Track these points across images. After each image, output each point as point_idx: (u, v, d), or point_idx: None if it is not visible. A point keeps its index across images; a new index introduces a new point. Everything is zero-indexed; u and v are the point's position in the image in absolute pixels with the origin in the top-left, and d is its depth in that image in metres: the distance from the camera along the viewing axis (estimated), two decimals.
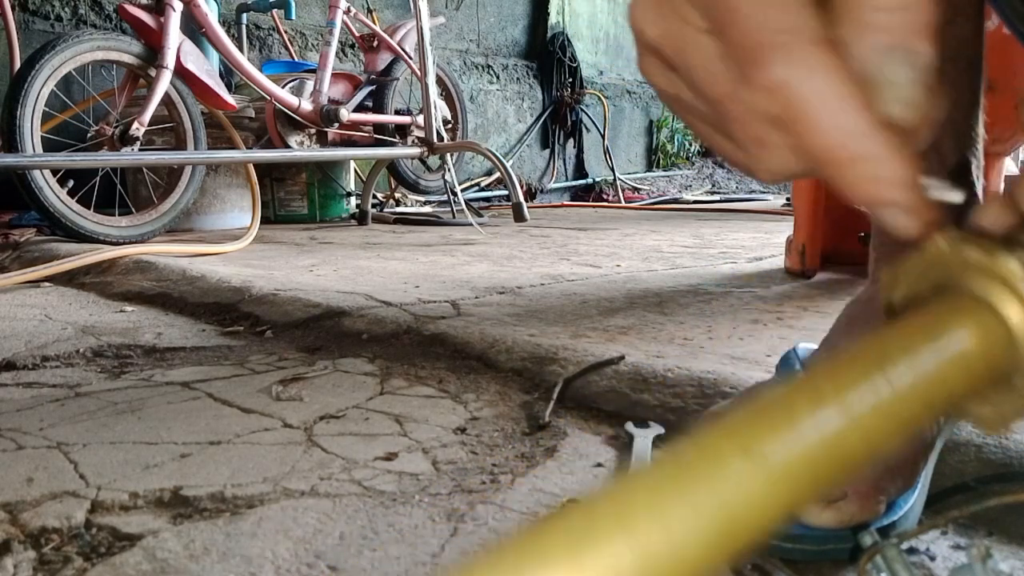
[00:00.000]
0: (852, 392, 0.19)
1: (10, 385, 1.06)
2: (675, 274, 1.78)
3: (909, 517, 0.58)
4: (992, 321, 0.21)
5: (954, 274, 0.22)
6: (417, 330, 1.21)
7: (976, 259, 0.21)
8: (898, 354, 0.20)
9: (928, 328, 0.21)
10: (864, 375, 0.19)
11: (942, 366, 0.20)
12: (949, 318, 0.21)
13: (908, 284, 0.23)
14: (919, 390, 0.20)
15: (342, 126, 3.11)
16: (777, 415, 0.18)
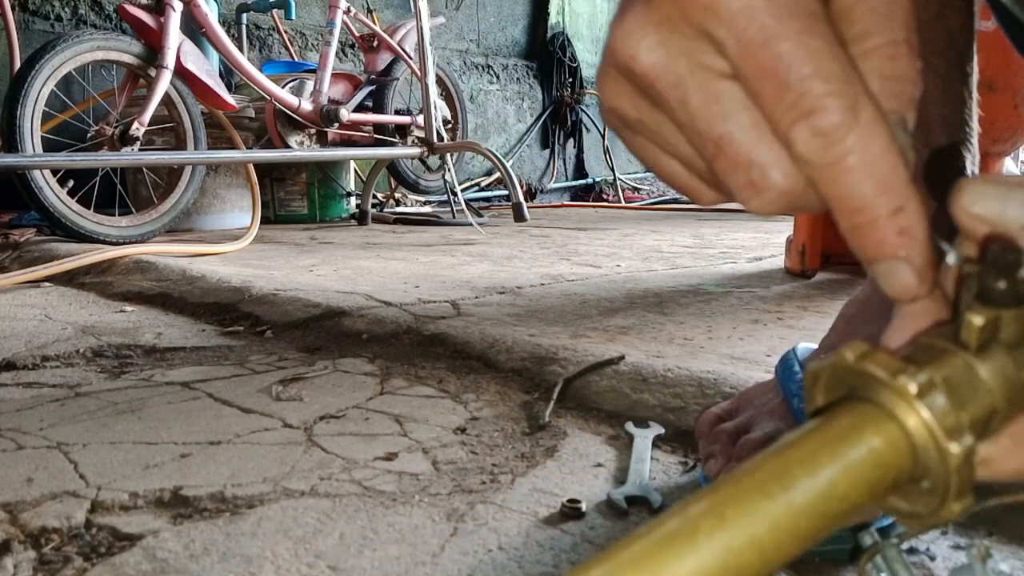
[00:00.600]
0: (750, 514, 0.20)
1: (10, 385, 1.06)
2: (675, 274, 1.78)
3: None
4: (896, 432, 0.22)
5: (861, 385, 0.23)
6: (417, 330, 1.21)
7: (877, 374, 0.23)
8: (800, 470, 0.21)
9: (833, 440, 0.22)
10: (766, 494, 0.21)
11: (845, 480, 0.21)
12: (854, 426, 0.22)
13: (825, 388, 0.25)
14: (819, 506, 0.21)
15: (342, 126, 3.11)
16: (680, 540, 0.20)
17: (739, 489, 0.21)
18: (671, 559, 0.19)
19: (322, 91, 3.03)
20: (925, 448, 0.22)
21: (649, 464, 0.73)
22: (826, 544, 0.55)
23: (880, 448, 0.22)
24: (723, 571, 0.19)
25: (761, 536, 0.20)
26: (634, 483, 0.69)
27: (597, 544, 0.60)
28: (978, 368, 0.24)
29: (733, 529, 0.20)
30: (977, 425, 0.23)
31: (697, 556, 0.19)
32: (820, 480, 0.21)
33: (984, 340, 0.24)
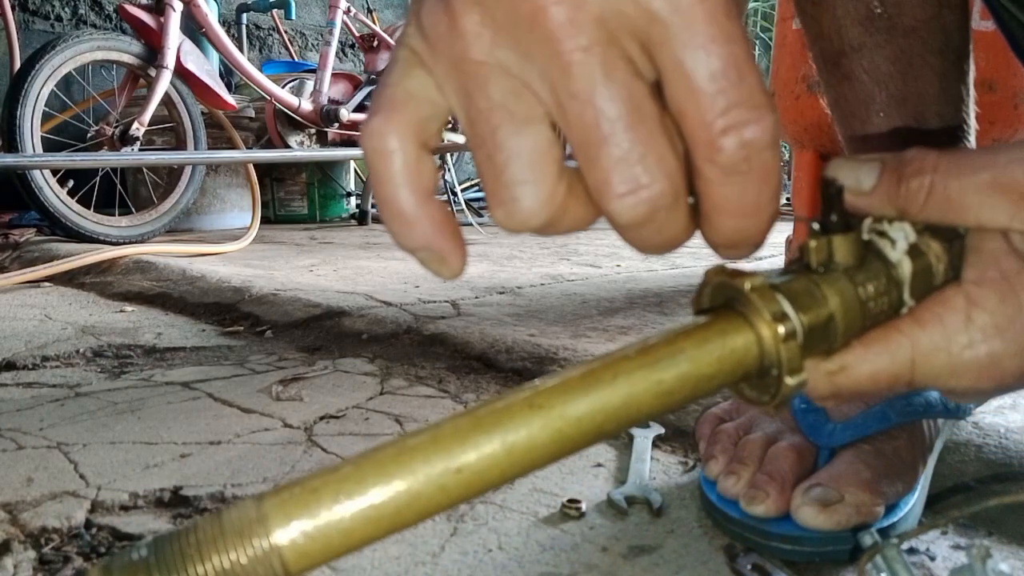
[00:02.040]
0: (615, 375, 0.25)
1: (10, 385, 1.06)
2: (675, 274, 1.78)
3: (909, 518, 0.58)
4: (743, 323, 0.27)
5: (729, 295, 0.29)
6: (417, 330, 1.21)
7: (732, 284, 0.28)
8: (664, 348, 0.26)
9: (698, 332, 0.27)
10: (629, 360, 0.26)
11: (699, 358, 0.26)
12: (722, 327, 0.27)
13: (707, 300, 0.30)
14: (675, 374, 0.26)
15: (342, 126, 3.11)
16: (559, 389, 0.25)
17: (611, 358, 0.26)
18: (550, 396, 0.24)
19: (322, 91, 3.03)
20: (768, 340, 0.27)
21: (649, 464, 0.73)
22: (826, 544, 0.55)
23: (730, 334, 0.27)
24: (591, 411, 0.25)
25: (624, 389, 0.25)
26: (634, 483, 0.69)
27: (597, 544, 0.60)
28: (816, 282, 0.29)
29: (602, 383, 0.25)
30: (816, 326, 0.28)
31: (573, 400, 0.24)
32: (678, 351, 0.26)
33: (822, 260, 0.29)
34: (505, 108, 0.24)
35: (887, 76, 0.64)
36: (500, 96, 0.24)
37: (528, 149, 0.24)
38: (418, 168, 0.26)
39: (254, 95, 3.06)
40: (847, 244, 0.29)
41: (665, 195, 0.24)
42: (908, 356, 0.30)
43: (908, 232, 0.31)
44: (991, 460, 0.67)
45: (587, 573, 0.56)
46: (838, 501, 0.55)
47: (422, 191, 0.26)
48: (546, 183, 0.25)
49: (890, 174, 0.31)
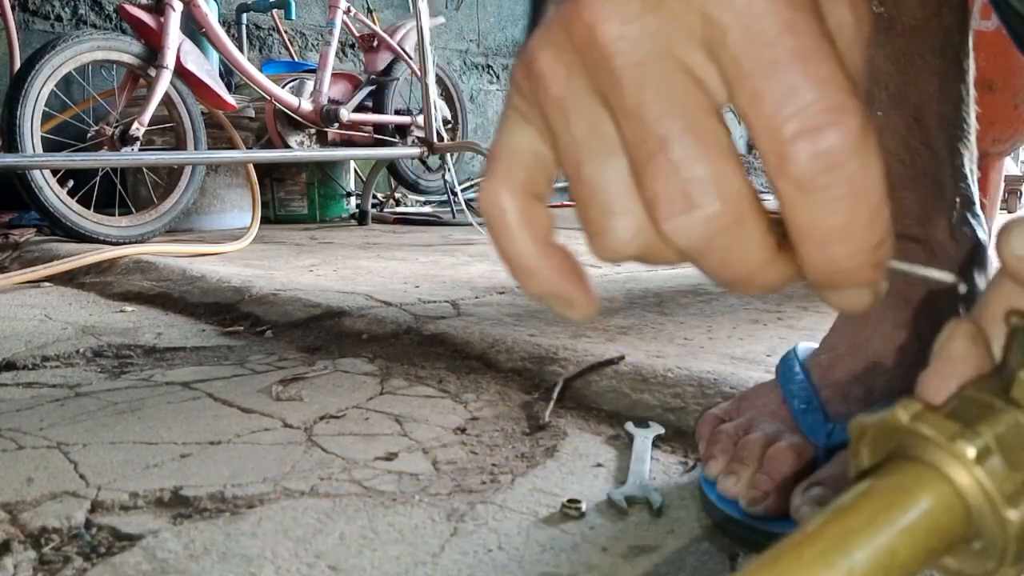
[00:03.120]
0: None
1: (10, 385, 1.06)
2: (675, 274, 1.78)
3: None
4: (951, 494, 0.22)
5: (911, 444, 0.23)
6: (417, 330, 1.21)
7: (934, 439, 0.22)
8: (858, 538, 0.21)
9: (888, 503, 0.22)
10: (827, 564, 0.20)
11: (903, 545, 0.21)
12: (909, 490, 0.22)
13: (872, 446, 0.24)
14: (879, 573, 0.21)
15: (342, 126, 3.11)
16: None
17: (800, 560, 0.21)
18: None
19: (322, 91, 3.03)
20: (980, 511, 0.22)
21: (649, 464, 0.73)
22: None
23: (935, 511, 0.22)
24: None
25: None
26: (634, 483, 0.69)
27: (597, 544, 0.60)
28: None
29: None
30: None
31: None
32: (879, 548, 0.21)
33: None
34: (585, 142, 0.24)
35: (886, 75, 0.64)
36: (580, 130, 0.24)
37: (614, 181, 0.23)
38: (532, 219, 0.26)
39: (254, 95, 3.06)
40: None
41: (721, 217, 0.22)
42: None
43: None
44: None
45: (587, 573, 0.56)
46: None
47: (540, 240, 0.27)
48: (634, 214, 0.23)
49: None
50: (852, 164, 0.21)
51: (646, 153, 0.22)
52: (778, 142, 0.21)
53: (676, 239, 0.22)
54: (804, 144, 0.21)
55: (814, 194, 0.21)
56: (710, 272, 0.23)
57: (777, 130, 0.21)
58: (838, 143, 0.20)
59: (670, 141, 0.22)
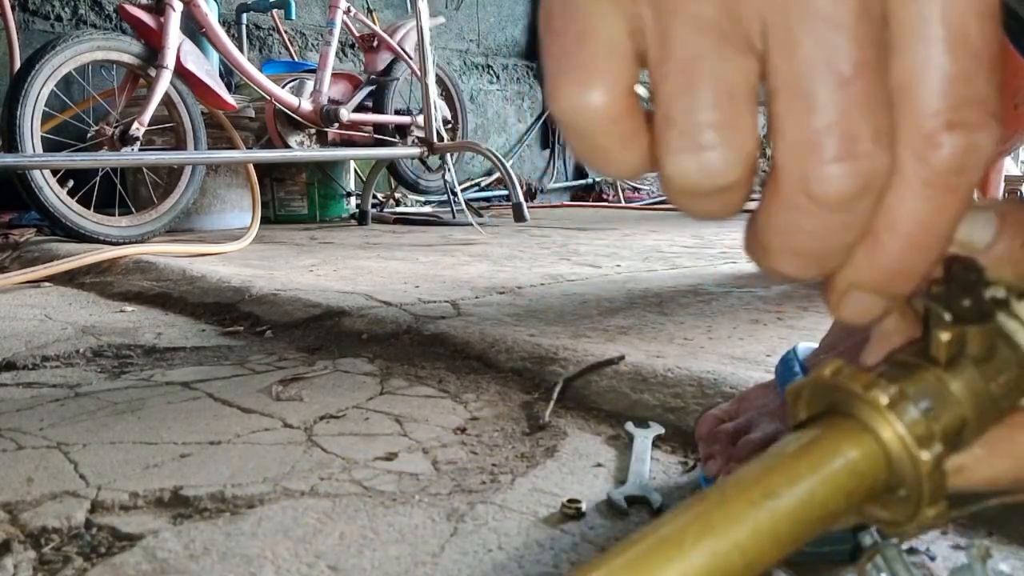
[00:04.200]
0: (736, 521, 0.22)
1: (10, 385, 1.06)
2: (675, 274, 1.78)
3: None
4: (871, 442, 0.23)
5: (839, 400, 0.25)
6: (417, 330, 1.21)
7: (851, 389, 0.24)
8: (781, 480, 0.23)
9: (814, 452, 0.23)
10: (750, 503, 0.22)
11: (823, 488, 0.23)
12: (835, 441, 0.24)
13: (806, 403, 0.26)
14: (798, 512, 0.22)
15: (342, 126, 3.11)
16: (669, 545, 0.21)
17: (724, 497, 0.22)
18: (660, 563, 0.21)
19: (322, 91, 3.03)
20: (899, 457, 0.24)
21: (649, 464, 0.73)
22: (826, 544, 0.55)
23: (856, 458, 0.23)
24: (709, 573, 0.21)
25: (744, 541, 0.21)
26: (634, 483, 0.69)
27: (597, 544, 0.60)
28: (947, 381, 0.25)
29: (718, 535, 0.21)
30: (949, 435, 0.24)
31: (684, 560, 0.21)
32: (800, 489, 0.22)
33: (952, 355, 0.25)
34: (716, 27, 0.20)
35: None
36: (710, 13, 0.20)
37: (737, 83, 0.20)
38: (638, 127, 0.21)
39: (254, 95, 3.06)
40: (981, 336, 0.25)
41: (882, 171, 0.20)
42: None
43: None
44: None
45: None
46: None
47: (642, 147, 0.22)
48: (750, 129, 0.20)
49: (1012, 231, 0.26)
50: (976, 173, 0.20)
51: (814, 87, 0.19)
52: (934, 124, 0.20)
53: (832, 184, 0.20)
54: (959, 135, 0.20)
55: (938, 191, 0.20)
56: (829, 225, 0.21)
57: (938, 113, 0.20)
58: (984, 148, 0.20)
59: (845, 80, 0.19)
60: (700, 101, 0.20)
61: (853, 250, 0.22)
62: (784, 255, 0.22)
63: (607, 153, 0.21)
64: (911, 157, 0.20)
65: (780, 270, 0.22)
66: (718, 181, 0.20)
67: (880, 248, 0.21)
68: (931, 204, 0.20)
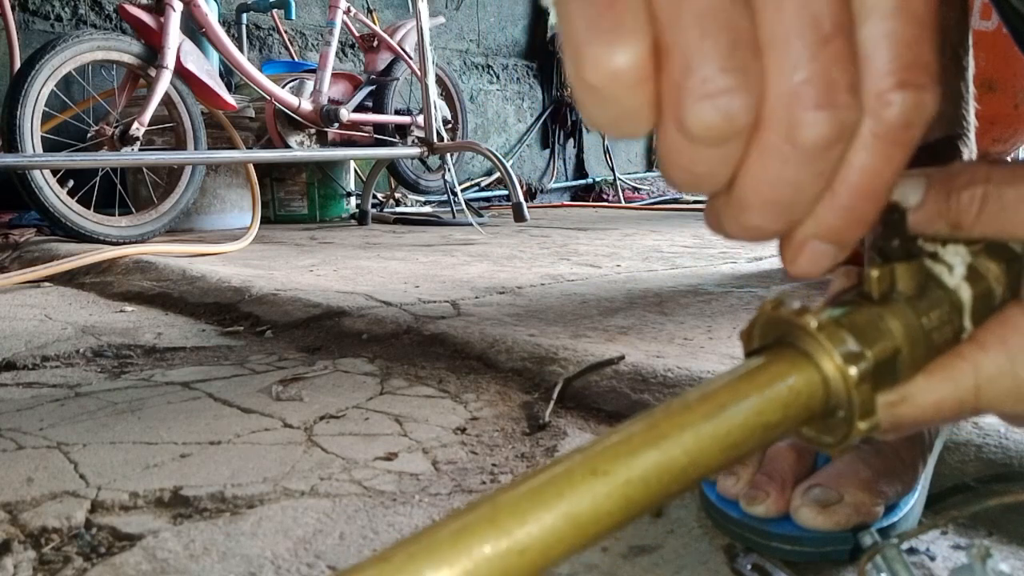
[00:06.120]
0: (680, 427, 0.24)
1: (10, 385, 1.06)
2: (675, 274, 1.78)
3: (909, 517, 0.58)
4: (806, 363, 0.26)
5: (783, 332, 0.27)
6: (417, 330, 1.21)
7: (785, 317, 0.27)
8: (725, 396, 0.25)
9: (753, 371, 0.26)
10: (691, 411, 0.24)
11: (760, 398, 0.25)
12: (771, 360, 0.26)
13: (758, 337, 0.29)
14: (739, 423, 0.24)
15: (342, 126, 3.11)
16: (619, 444, 0.23)
17: (671, 407, 0.24)
18: (611, 460, 0.23)
19: (322, 91, 3.03)
20: (832, 376, 0.26)
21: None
22: (826, 544, 0.55)
23: (790, 374, 0.26)
24: (655, 469, 0.23)
25: (688, 442, 0.24)
26: None
27: (597, 544, 0.60)
28: (879, 313, 0.27)
29: (665, 437, 0.24)
30: (883, 362, 0.27)
31: (634, 456, 0.23)
32: (740, 399, 0.25)
33: (884, 290, 0.28)
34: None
35: None
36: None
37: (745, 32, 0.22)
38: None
39: (254, 95, 3.06)
40: (910, 272, 0.28)
41: (854, 120, 0.22)
42: (972, 383, 0.29)
43: (964, 255, 0.29)
44: (991, 460, 0.67)
45: (587, 573, 0.56)
46: (837, 501, 0.55)
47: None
48: (759, 74, 0.22)
49: (938, 188, 0.29)
50: (918, 131, 0.23)
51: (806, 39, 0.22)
52: (889, 83, 0.22)
53: (812, 129, 0.22)
54: (909, 95, 0.22)
55: (887, 144, 0.23)
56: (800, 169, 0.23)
57: (893, 73, 0.22)
58: (928, 105, 0.22)
59: (830, 39, 0.22)
60: (718, 49, 0.21)
61: (816, 202, 0.24)
62: (759, 208, 0.24)
63: (634, 114, 0.23)
64: (866, 113, 0.23)
65: (751, 224, 0.24)
66: (736, 123, 0.22)
67: (837, 198, 0.24)
68: (880, 156, 0.23)
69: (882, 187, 0.24)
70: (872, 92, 0.22)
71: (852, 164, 0.23)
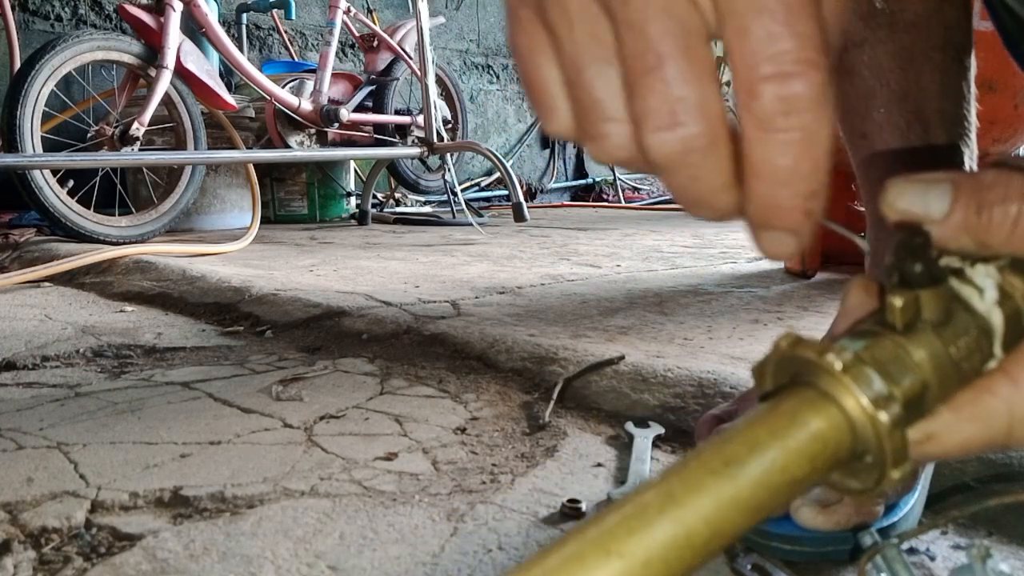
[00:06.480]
0: (697, 490, 0.22)
1: (10, 385, 1.06)
2: (675, 274, 1.78)
3: (909, 517, 0.58)
4: (831, 408, 0.24)
5: (801, 371, 0.25)
6: (417, 330, 1.21)
7: (807, 356, 0.25)
8: (743, 448, 0.23)
9: (773, 419, 0.24)
10: (710, 471, 0.22)
11: (784, 453, 0.23)
12: (795, 407, 0.24)
13: (772, 376, 0.27)
14: (762, 479, 0.22)
15: (342, 126, 3.11)
16: (633, 518, 0.21)
17: (686, 468, 0.23)
18: (625, 536, 0.21)
19: (322, 91, 3.03)
20: (860, 421, 0.24)
21: (649, 464, 0.73)
22: (826, 544, 0.55)
23: (815, 422, 0.24)
24: (675, 544, 0.21)
25: (707, 510, 0.22)
26: (634, 483, 0.69)
27: None
28: (905, 346, 0.25)
29: (680, 505, 0.22)
30: (910, 399, 0.25)
31: (649, 532, 0.21)
32: (760, 454, 0.23)
33: (908, 320, 0.26)
34: (587, 48, 0.25)
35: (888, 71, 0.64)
36: (583, 36, 0.25)
37: (610, 89, 0.25)
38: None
39: (254, 95, 3.06)
40: (936, 299, 0.26)
41: (700, 137, 0.23)
42: (1004, 422, 0.27)
43: (995, 276, 0.27)
44: (991, 460, 0.67)
45: None
46: (837, 501, 0.55)
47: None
48: (628, 123, 0.25)
49: (967, 200, 0.27)
50: (808, 115, 0.23)
51: (643, 67, 0.23)
52: (751, 79, 0.23)
53: (656, 151, 0.24)
54: (773, 86, 0.22)
55: (771, 134, 0.23)
56: (676, 188, 0.25)
57: (753, 68, 0.23)
58: (802, 92, 0.22)
59: (666, 59, 0.23)
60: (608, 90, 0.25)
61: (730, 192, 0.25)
62: (683, 205, 0.26)
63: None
64: (742, 110, 0.23)
65: (697, 216, 0.26)
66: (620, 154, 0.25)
67: (750, 190, 0.24)
68: (771, 146, 0.23)
69: (790, 174, 0.24)
70: (741, 88, 0.23)
71: (750, 158, 0.24)
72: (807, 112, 0.23)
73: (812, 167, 0.24)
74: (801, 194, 0.24)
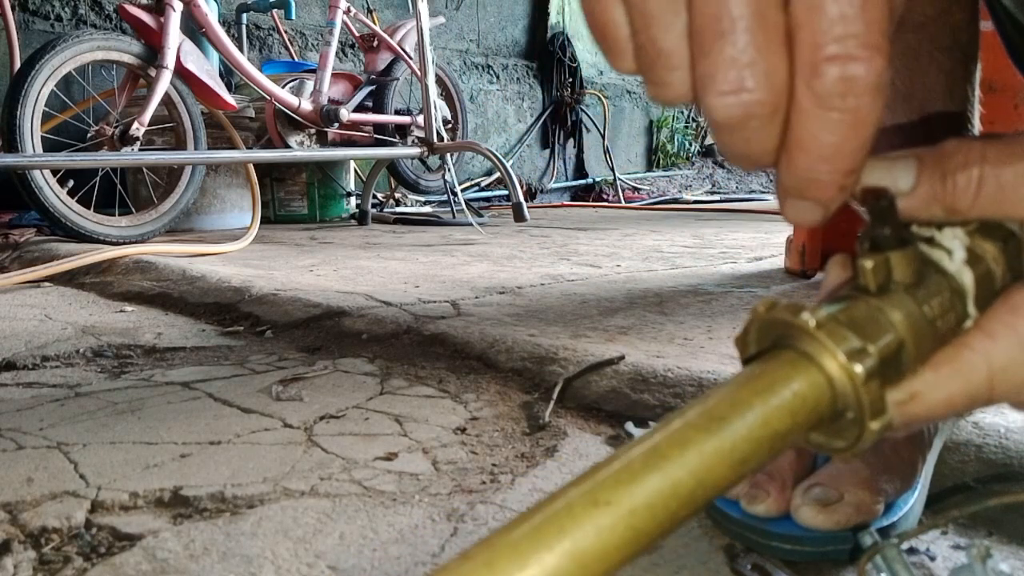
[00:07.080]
0: (681, 444, 0.22)
1: (10, 385, 1.06)
2: (675, 274, 1.78)
3: (909, 517, 0.58)
4: (808, 365, 0.25)
5: (781, 334, 0.26)
6: (417, 330, 1.21)
7: (783, 318, 0.26)
8: (727, 408, 0.24)
9: (754, 378, 0.25)
10: (694, 427, 0.23)
11: (765, 407, 0.24)
12: (774, 365, 0.25)
13: (754, 342, 0.27)
14: (745, 432, 0.23)
15: (342, 126, 3.11)
16: (621, 471, 0.22)
17: (672, 427, 0.23)
18: (615, 487, 0.22)
19: (322, 91, 3.03)
20: (837, 376, 0.25)
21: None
22: (826, 544, 0.55)
23: (794, 378, 0.25)
24: (661, 494, 0.22)
25: (693, 462, 0.22)
26: None
27: None
28: (879, 306, 0.26)
29: (667, 458, 0.22)
30: (887, 357, 0.26)
31: (637, 483, 0.22)
32: (742, 409, 0.24)
33: (880, 282, 0.27)
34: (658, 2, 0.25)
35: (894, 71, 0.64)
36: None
37: (678, 39, 0.25)
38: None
39: (254, 95, 3.06)
40: (906, 260, 0.27)
41: (764, 105, 0.24)
42: (984, 375, 0.27)
43: (962, 238, 0.28)
44: (991, 460, 0.67)
45: None
46: (837, 500, 0.55)
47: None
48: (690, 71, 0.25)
49: (931, 170, 0.28)
50: (865, 98, 0.23)
51: (715, 29, 0.24)
52: (816, 56, 0.23)
53: (717, 113, 0.24)
54: (837, 67, 0.23)
55: (827, 112, 0.24)
56: (726, 144, 0.26)
57: (820, 46, 0.23)
58: (863, 76, 0.23)
59: (739, 24, 0.23)
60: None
61: (773, 157, 0.26)
62: (726, 156, 0.26)
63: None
64: (802, 84, 0.24)
65: (737, 164, 0.26)
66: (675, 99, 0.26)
67: (792, 160, 0.25)
68: (824, 123, 0.24)
69: (834, 152, 0.24)
70: (805, 65, 0.24)
71: (799, 131, 0.24)
72: (864, 95, 0.23)
73: (857, 147, 0.24)
74: (841, 171, 0.25)
